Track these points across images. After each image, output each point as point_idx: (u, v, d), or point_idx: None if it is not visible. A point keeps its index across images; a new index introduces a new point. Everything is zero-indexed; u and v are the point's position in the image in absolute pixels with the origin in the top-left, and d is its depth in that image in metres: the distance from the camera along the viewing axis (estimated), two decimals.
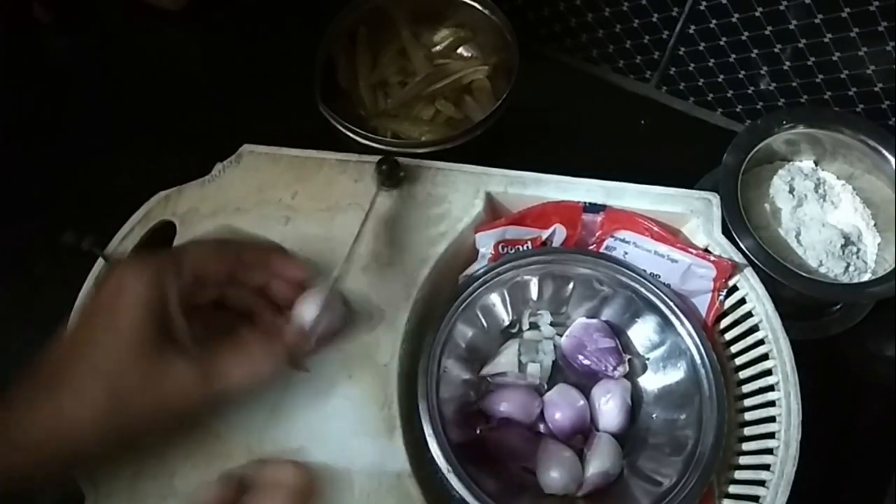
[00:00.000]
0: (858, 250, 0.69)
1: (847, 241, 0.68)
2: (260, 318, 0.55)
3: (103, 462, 0.54)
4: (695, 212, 0.63)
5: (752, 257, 0.62)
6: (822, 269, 0.67)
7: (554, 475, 0.56)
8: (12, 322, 0.74)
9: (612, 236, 0.63)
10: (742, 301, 0.60)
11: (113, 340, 0.45)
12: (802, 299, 0.64)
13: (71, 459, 0.46)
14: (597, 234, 0.63)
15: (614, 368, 0.60)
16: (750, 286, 0.60)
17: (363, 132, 0.72)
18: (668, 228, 0.62)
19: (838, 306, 0.73)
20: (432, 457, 0.53)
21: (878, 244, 0.69)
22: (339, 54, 0.82)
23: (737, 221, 0.63)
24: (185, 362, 0.46)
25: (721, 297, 0.60)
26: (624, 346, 0.62)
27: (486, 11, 0.81)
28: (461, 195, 0.64)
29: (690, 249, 0.60)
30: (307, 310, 0.54)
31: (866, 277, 0.67)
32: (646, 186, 0.64)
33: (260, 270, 0.54)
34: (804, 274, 0.63)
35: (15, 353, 0.62)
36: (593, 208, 0.62)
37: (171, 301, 0.46)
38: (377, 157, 0.65)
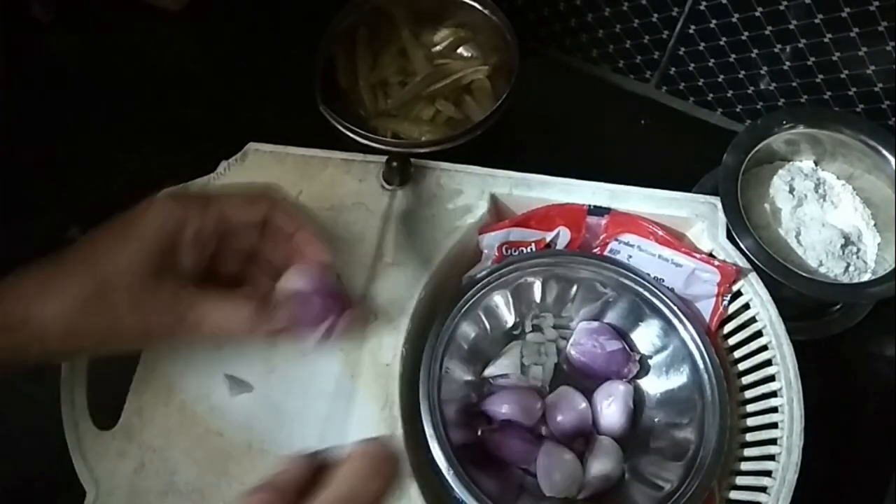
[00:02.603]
0: (858, 250, 0.69)
1: (847, 241, 0.68)
2: (253, 279, 0.56)
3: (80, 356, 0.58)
4: (700, 216, 0.63)
5: (752, 257, 0.62)
6: (822, 269, 0.67)
7: (555, 477, 0.56)
8: None
9: (616, 239, 0.63)
10: (746, 306, 0.60)
11: (124, 247, 0.48)
12: (802, 299, 0.64)
13: (40, 336, 0.48)
14: (601, 237, 0.63)
15: (625, 368, 0.60)
16: (754, 291, 0.59)
17: (363, 132, 0.72)
18: (672, 232, 0.62)
19: (838, 306, 0.73)
20: (433, 457, 0.53)
21: (878, 244, 0.69)
22: (339, 54, 0.82)
23: (737, 221, 0.63)
24: (172, 292, 0.49)
25: (725, 302, 0.60)
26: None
27: (486, 11, 0.81)
28: (466, 196, 0.64)
29: (695, 254, 0.60)
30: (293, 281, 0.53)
31: (866, 277, 0.67)
32: (651, 190, 0.64)
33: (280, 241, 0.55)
34: (804, 274, 0.63)
35: None
36: (598, 211, 0.62)
37: (188, 234, 0.49)
38: (382, 157, 0.65)
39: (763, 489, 0.54)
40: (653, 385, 0.61)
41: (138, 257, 0.48)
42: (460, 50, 0.87)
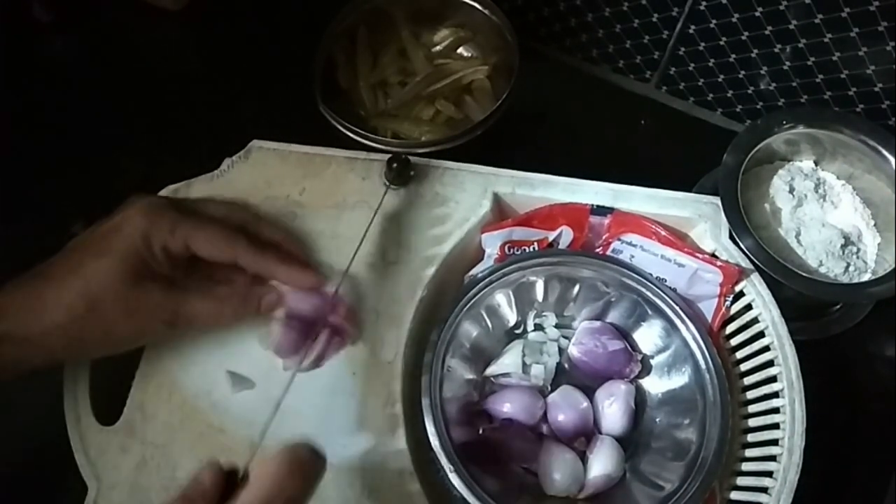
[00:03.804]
0: (858, 250, 0.69)
1: (847, 241, 0.68)
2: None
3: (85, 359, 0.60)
4: (703, 216, 0.63)
5: (752, 257, 0.62)
6: (822, 269, 0.67)
7: (556, 477, 0.56)
8: None
9: (618, 239, 0.62)
10: (748, 307, 0.60)
11: (103, 262, 0.52)
12: (802, 299, 0.64)
13: (44, 348, 0.52)
14: (604, 237, 0.63)
15: (627, 368, 0.60)
16: (756, 292, 0.59)
17: (363, 132, 0.72)
18: (675, 232, 0.62)
19: (838, 306, 0.73)
20: (434, 456, 0.53)
21: (878, 244, 0.69)
22: (339, 54, 0.82)
23: (737, 221, 0.63)
24: (160, 294, 0.54)
25: (727, 303, 0.60)
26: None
27: (486, 11, 0.81)
28: (468, 195, 0.64)
29: (697, 254, 0.60)
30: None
31: (866, 277, 0.67)
32: (654, 190, 0.64)
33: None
34: (804, 274, 0.63)
35: None
36: (601, 211, 0.62)
37: (156, 250, 0.54)
38: (386, 156, 0.65)
39: (764, 489, 0.54)
40: (654, 385, 0.61)
41: (120, 267, 0.52)
42: (460, 50, 0.87)
